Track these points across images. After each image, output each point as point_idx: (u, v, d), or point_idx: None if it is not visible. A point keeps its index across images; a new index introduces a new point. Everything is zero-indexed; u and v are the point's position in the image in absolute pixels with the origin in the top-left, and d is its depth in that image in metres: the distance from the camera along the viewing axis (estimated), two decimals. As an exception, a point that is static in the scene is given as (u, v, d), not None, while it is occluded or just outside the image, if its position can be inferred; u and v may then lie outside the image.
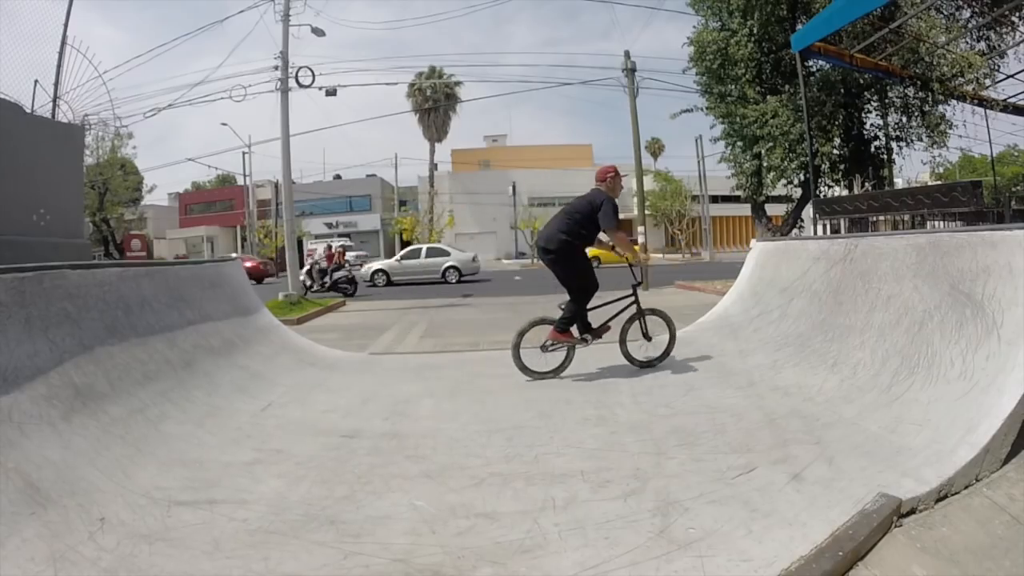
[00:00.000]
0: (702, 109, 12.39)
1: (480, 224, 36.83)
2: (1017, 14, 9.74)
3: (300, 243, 28.92)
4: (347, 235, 37.62)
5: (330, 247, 16.26)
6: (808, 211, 11.16)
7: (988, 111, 11.06)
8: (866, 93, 11.17)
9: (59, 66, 7.93)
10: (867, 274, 3.64)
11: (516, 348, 4.06)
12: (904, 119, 11.08)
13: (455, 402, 3.57)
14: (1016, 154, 24.13)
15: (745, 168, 11.80)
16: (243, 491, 2.25)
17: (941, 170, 13.70)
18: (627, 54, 13.57)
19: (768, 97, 11.05)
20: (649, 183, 30.21)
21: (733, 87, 11.71)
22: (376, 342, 6.96)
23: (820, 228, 10.24)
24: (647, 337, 4.30)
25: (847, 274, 3.87)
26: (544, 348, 4.11)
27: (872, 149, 11.50)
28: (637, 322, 4.30)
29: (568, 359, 4.15)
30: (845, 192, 11.74)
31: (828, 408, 2.93)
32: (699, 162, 27.75)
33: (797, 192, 12.29)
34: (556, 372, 4.08)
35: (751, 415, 2.99)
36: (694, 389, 3.60)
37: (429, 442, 2.81)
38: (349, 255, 35.35)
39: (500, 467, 2.46)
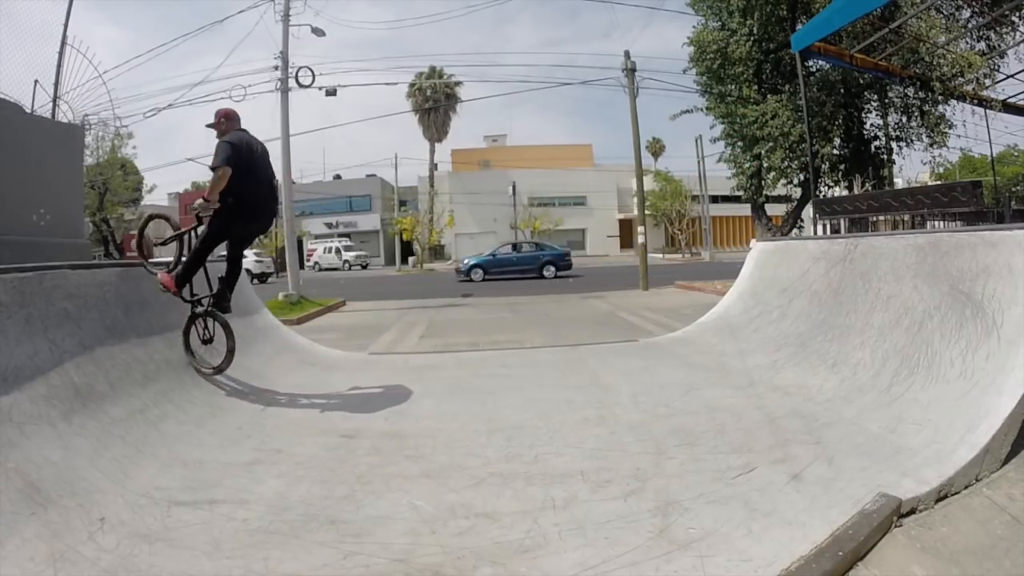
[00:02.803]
0: (702, 109, 12.38)
1: (480, 224, 36.80)
2: (1017, 14, 9.72)
3: (300, 243, 28.96)
4: (347, 235, 37.59)
5: None
6: (808, 211, 11.15)
7: (988, 111, 11.04)
8: (866, 93, 11.15)
9: (59, 66, 7.92)
10: (867, 274, 3.64)
11: None
12: (904, 119, 11.06)
13: (455, 402, 3.56)
14: (1016, 154, 24.12)
15: (746, 169, 11.79)
16: (243, 491, 2.25)
17: (941, 170, 13.70)
18: (627, 54, 13.56)
19: (768, 97, 11.05)
20: (649, 183, 30.20)
21: (733, 87, 11.70)
22: (376, 342, 6.96)
23: (820, 228, 10.22)
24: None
25: (847, 274, 3.87)
26: None
27: (872, 149, 11.48)
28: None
29: None
30: (845, 192, 11.73)
31: (828, 408, 2.93)
32: (699, 162, 27.74)
33: (797, 192, 12.28)
34: None
35: (751, 415, 2.99)
36: (694, 389, 3.60)
37: (429, 442, 2.81)
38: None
39: (500, 467, 2.46)
